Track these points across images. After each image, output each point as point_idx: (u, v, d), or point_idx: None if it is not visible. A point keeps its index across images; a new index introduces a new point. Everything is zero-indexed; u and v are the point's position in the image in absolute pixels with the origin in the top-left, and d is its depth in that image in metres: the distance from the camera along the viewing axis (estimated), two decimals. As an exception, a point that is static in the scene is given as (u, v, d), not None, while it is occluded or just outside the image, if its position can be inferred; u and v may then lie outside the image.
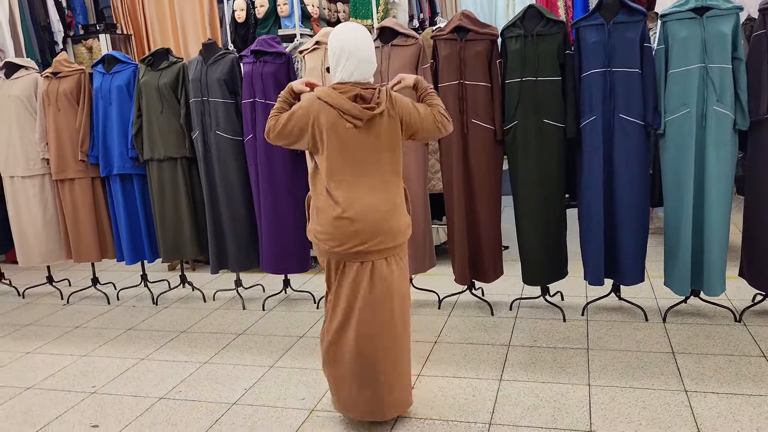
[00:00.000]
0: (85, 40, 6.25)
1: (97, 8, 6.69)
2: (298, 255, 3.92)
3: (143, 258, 4.27)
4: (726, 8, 3.02)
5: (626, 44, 3.14)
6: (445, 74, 3.41)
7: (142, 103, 3.98)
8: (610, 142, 3.23)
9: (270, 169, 3.77)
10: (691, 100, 3.07)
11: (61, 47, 6.13)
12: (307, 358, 3.22)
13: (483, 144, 3.42)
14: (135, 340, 3.66)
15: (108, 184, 4.22)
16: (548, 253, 3.44)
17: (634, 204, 3.26)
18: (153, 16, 6.46)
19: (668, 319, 3.38)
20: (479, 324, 3.51)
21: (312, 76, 3.61)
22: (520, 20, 3.31)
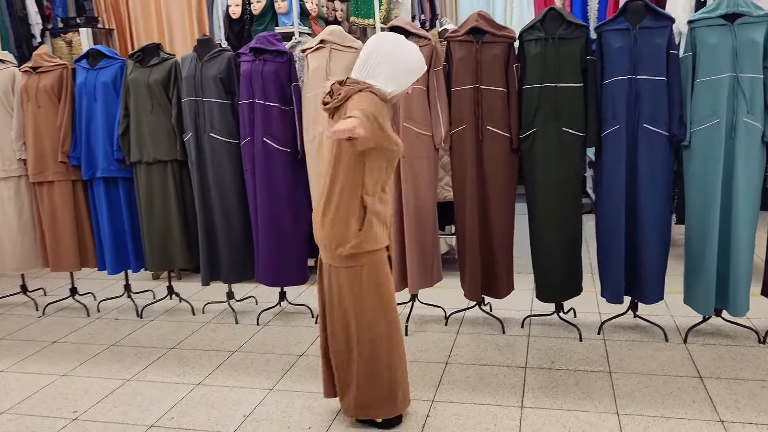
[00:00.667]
0: (64, 34, 5.92)
1: (78, 1, 6.37)
2: (297, 266, 3.69)
3: (127, 267, 3.99)
4: (758, 15, 2.87)
5: (653, 50, 2.98)
6: (460, 78, 3.21)
7: (130, 101, 3.71)
8: (633, 153, 3.07)
9: (268, 175, 3.53)
10: (721, 111, 2.92)
11: (39, 40, 5.81)
12: (309, 380, 2.99)
13: (498, 152, 3.23)
14: (119, 358, 3.38)
15: (90, 187, 3.93)
16: (566, 269, 3.26)
17: (657, 219, 3.10)
18: (137, 9, 6.16)
19: (689, 339, 3.22)
20: (491, 343, 3.31)
21: (316, 76, 3.39)
22: (540, 23, 3.13)
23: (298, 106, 3.53)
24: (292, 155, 3.55)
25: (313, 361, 3.20)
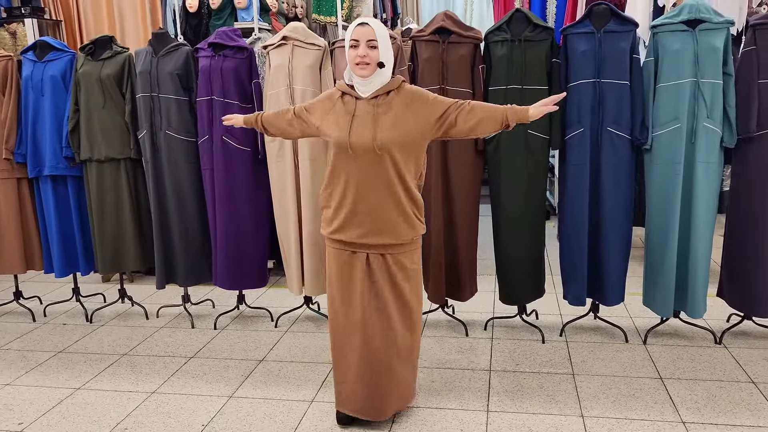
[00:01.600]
0: (8, 24, 5.63)
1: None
2: (257, 269, 3.59)
3: (76, 270, 3.81)
4: (718, 22, 2.92)
5: (617, 54, 3.00)
6: (426, 78, 3.17)
7: (80, 96, 3.54)
8: (597, 156, 3.09)
9: (228, 175, 3.42)
10: (682, 115, 2.96)
11: (-21, 30, 5.49)
12: (271, 387, 2.90)
13: (463, 154, 3.20)
14: (68, 365, 3.22)
15: (37, 186, 3.74)
16: (529, 272, 3.26)
17: (619, 221, 3.13)
18: (86, 1, 5.92)
19: (649, 340, 3.26)
20: (455, 346, 3.28)
21: (278, 73, 3.29)
22: (506, 24, 3.12)
23: (259, 104, 3.42)
24: (253, 154, 3.45)
25: (274, 367, 3.11)
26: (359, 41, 2.28)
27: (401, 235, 2.37)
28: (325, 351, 3.27)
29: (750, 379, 2.82)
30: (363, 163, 2.31)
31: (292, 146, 3.32)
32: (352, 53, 2.30)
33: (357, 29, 2.30)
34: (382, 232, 2.35)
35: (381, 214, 2.34)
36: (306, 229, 3.38)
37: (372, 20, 2.35)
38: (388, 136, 2.29)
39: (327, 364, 3.12)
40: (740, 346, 3.17)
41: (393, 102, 2.34)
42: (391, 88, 2.36)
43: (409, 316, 2.46)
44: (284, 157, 3.34)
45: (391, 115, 2.32)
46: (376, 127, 2.30)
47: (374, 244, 2.37)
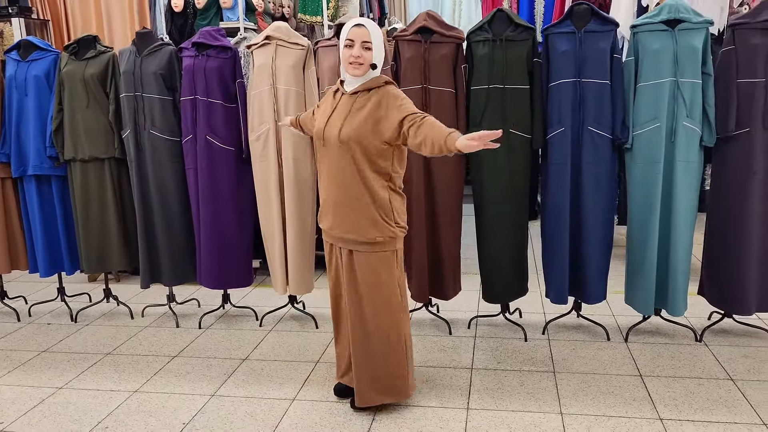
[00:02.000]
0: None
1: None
2: (241, 269, 3.59)
3: (61, 269, 3.81)
4: (697, 21, 2.95)
5: (597, 54, 3.02)
6: (408, 77, 3.18)
7: (64, 95, 3.54)
8: (578, 155, 3.10)
9: (211, 175, 3.42)
10: (662, 115, 2.98)
11: (-35, 30, 5.48)
12: (253, 385, 2.91)
13: (445, 153, 3.21)
14: (51, 365, 3.22)
15: (21, 185, 3.73)
16: (511, 270, 3.28)
17: (600, 220, 3.15)
18: (74, 0, 5.91)
19: (630, 338, 3.28)
20: (438, 344, 3.30)
21: (261, 73, 3.30)
22: (487, 24, 3.13)
23: (243, 104, 3.43)
24: (236, 154, 3.46)
25: (257, 366, 3.12)
26: (354, 41, 2.34)
27: (364, 233, 2.41)
28: (309, 349, 3.28)
29: (729, 376, 2.85)
30: (332, 156, 2.41)
31: (275, 146, 3.33)
32: (347, 52, 2.36)
33: (353, 30, 2.35)
34: (344, 226, 2.43)
35: (344, 209, 2.42)
36: (290, 228, 3.39)
37: (368, 22, 2.40)
38: (350, 132, 2.35)
39: (310, 363, 3.13)
40: (720, 344, 3.19)
41: (370, 100, 2.39)
42: (371, 86, 2.41)
43: (382, 315, 2.49)
44: (268, 157, 3.35)
45: (363, 112, 2.37)
46: (344, 122, 2.37)
47: (341, 238, 2.47)
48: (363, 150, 2.37)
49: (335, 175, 2.42)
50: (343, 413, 2.64)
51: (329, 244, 2.58)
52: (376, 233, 2.42)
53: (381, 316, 2.49)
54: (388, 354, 2.53)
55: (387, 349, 2.52)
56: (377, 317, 2.49)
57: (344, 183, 2.41)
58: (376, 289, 2.47)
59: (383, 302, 2.48)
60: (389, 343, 2.52)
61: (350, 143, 2.36)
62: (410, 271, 3.37)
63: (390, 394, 2.60)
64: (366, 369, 2.55)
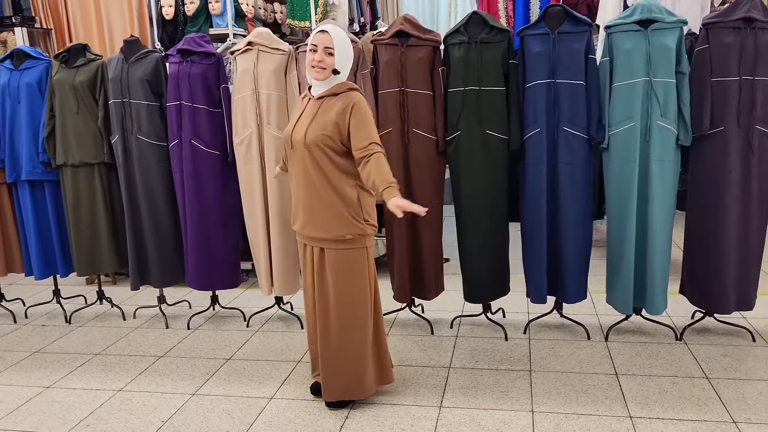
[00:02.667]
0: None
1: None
2: (228, 270, 3.66)
3: (55, 272, 3.90)
4: (670, 21, 2.96)
5: (571, 55, 3.04)
6: (386, 81, 3.23)
7: (55, 102, 3.63)
8: (553, 156, 3.13)
9: (197, 178, 3.49)
10: (636, 114, 3.00)
11: (-30, 40, 5.62)
12: (233, 384, 2.97)
13: (425, 154, 3.26)
14: (42, 365, 3.30)
15: (15, 190, 3.84)
16: (491, 270, 3.31)
17: (577, 219, 3.17)
18: (75, 9, 6.03)
19: (610, 337, 3.30)
20: (418, 344, 3.34)
21: (244, 78, 3.37)
22: (463, 27, 3.17)
23: (227, 108, 3.50)
24: (221, 158, 3.52)
25: (239, 365, 3.18)
26: (317, 46, 2.44)
27: (334, 231, 2.49)
28: (292, 349, 3.34)
29: (704, 375, 2.85)
30: (298, 158, 2.50)
31: (258, 149, 3.39)
32: (310, 56, 2.47)
33: (317, 35, 2.46)
34: (314, 225, 2.52)
35: (312, 208, 2.50)
36: (274, 230, 3.45)
37: (332, 28, 2.50)
38: (314, 136, 2.44)
39: (291, 362, 3.18)
40: (700, 343, 3.19)
41: (334, 105, 2.46)
42: (336, 91, 2.49)
43: (350, 314, 2.55)
44: (251, 160, 3.41)
45: (328, 116, 2.45)
46: (309, 126, 2.46)
47: (311, 237, 2.55)
48: (328, 152, 2.45)
49: (303, 177, 2.50)
50: (318, 411, 2.68)
51: (302, 244, 2.65)
52: (345, 231, 2.49)
53: (348, 313, 2.55)
54: (351, 351, 2.59)
55: (351, 347, 2.58)
56: (344, 315, 2.55)
57: (312, 184, 2.48)
58: (346, 287, 2.53)
59: (351, 300, 2.54)
60: (353, 341, 2.58)
61: (315, 146, 2.44)
62: (392, 272, 3.42)
63: (350, 391, 2.66)
64: (330, 364, 2.61)
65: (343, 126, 2.43)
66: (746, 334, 3.25)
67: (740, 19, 2.88)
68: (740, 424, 2.43)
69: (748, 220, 3.02)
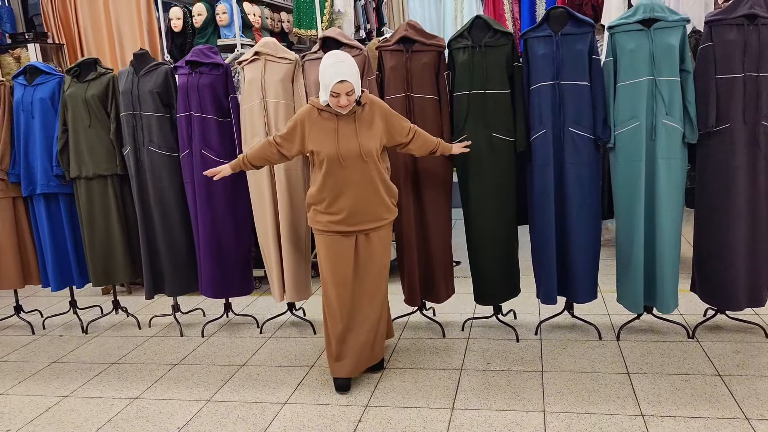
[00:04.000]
0: (12, 50, 5.88)
1: (27, 16, 6.32)
2: (240, 277, 3.71)
3: (71, 283, 3.97)
4: (673, 20, 2.97)
5: (575, 56, 3.06)
6: (392, 86, 3.27)
7: (68, 116, 3.70)
8: (560, 156, 3.14)
9: (208, 188, 3.54)
10: (641, 114, 3.01)
11: (-16, 57, 5.74)
12: (248, 390, 3.00)
13: (432, 158, 3.27)
14: (59, 375, 3.36)
15: (31, 204, 3.91)
16: (501, 271, 3.32)
17: (585, 219, 3.18)
18: (87, 24, 6.12)
19: (622, 336, 3.30)
20: (430, 347, 3.36)
21: (251, 87, 3.41)
22: (467, 31, 3.20)
23: (236, 118, 3.55)
24: (232, 166, 3.57)
25: (254, 371, 3.22)
26: (339, 93, 2.70)
27: (383, 218, 2.90)
28: (305, 354, 3.37)
29: (717, 372, 2.85)
30: (354, 171, 2.78)
31: (267, 157, 3.43)
32: (334, 101, 2.73)
33: (337, 86, 2.68)
34: (370, 220, 2.86)
35: (369, 208, 2.83)
36: (284, 237, 3.49)
37: (348, 74, 2.69)
38: (370, 146, 2.78)
39: (305, 368, 3.21)
40: (712, 340, 3.19)
41: (366, 114, 2.82)
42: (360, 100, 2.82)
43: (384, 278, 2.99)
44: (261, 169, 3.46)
45: (368, 126, 2.81)
46: (360, 139, 2.77)
47: (366, 228, 2.87)
48: (379, 155, 2.84)
49: (359, 183, 2.79)
50: (331, 415, 2.71)
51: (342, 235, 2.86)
52: (390, 215, 2.93)
53: (384, 278, 2.99)
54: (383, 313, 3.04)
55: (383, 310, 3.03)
56: (382, 281, 2.98)
57: (369, 186, 2.81)
58: (384, 257, 2.95)
59: (385, 266, 2.98)
60: (384, 302, 3.04)
61: (372, 154, 2.79)
62: (402, 276, 3.44)
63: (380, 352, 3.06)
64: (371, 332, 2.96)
65: (382, 127, 2.84)
66: (758, 331, 3.24)
67: (743, 15, 2.89)
68: (753, 421, 2.43)
69: (757, 216, 3.02)
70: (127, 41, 6.04)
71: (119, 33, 6.03)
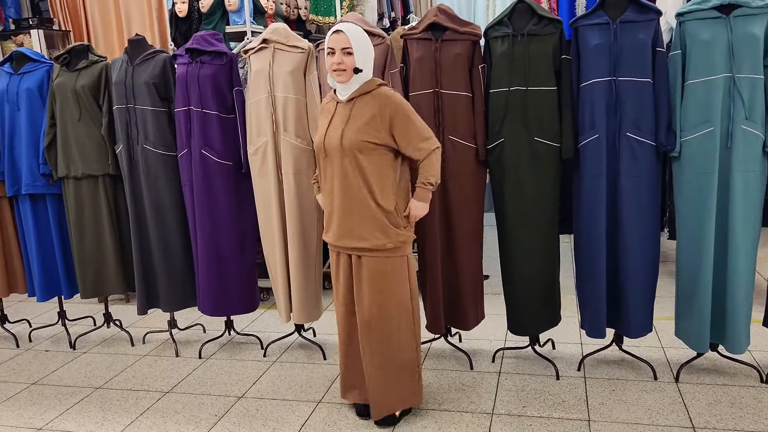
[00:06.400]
0: (15, 36, 5.54)
1: (33, 2, 5.99)
2: (243, 293, 3.30)
3: (58, 293, 3.60)
4: (757, 6, 2.48)
5: (636, 48, 2.58)
6: (418, 81, 2.82)
7: (56, 108, 3.32)
8: (615, 166, 2.67)
9: (208, 192, 3.14)
10: (715, 117, 2.53)
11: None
12: (244, 429, 2.59)
13: (463, 165, 2.84)
14: (37, 400, 2.99)
15: (17, 205, 3.54)
16: (540, 298, 2.87)
17: (642, 241, 2.70)
18: (94, 10, 5.79)
19: (682, 377, 2.82)
20: (456, 382, 2.91)
21: (258, 79, 3.00)
22: (507, 17, 2.74)
23: (241, 114, 3.14)
24: (235, 169, 3.16)
25: (252, 405, 2.81)
26: (335, 49, 2.31)
27: (373, 240, 2.35)
28: (312, 386, 2.95)
29: (802, 430, 2.37)
30: (335, 166, 2.36)
31: (275, 160, 3.02)
32: (329, 60, 2.33)
33: (332, 37, 2.32)
34: (353, 235, 2.37)
35: (350, 217, 2.36)
36: (292, 250, 3.07)
37: (347, 26, 2.34)
38: (352, 139, 2.30)
39: (311, 403, 2.80)
40: (791, 386, 2.70)
41: (368, 105, 2.34)
42: (366, 90, 2.36)
43: (395, 324, 2.42)
44: (267, 172, 3.05)
45: (363, 118, 2.32)
46: (344, 129, 2.32)
47: (350, 247, 2.40)
48: (366, 155, 2.33)
49: (340, 185, 2.36)
50: (338, 469, 2.29)
51: (335, 254, 2.49)
52: (385, 240, 2.37)
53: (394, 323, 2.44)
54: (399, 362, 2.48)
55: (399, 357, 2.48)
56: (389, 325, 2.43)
57: (350, 191, 2.35)
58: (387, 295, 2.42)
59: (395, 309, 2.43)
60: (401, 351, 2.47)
61: (353, 150, 2.32)
62: (424, 298, 3.00)
63: (401, 401, 2.54)
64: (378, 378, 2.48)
65: (383, 126, 2.31)
66: None
67: None
68: None
69: None
70: (136, 28, 5.69)
71: (128, 19, 5.69)
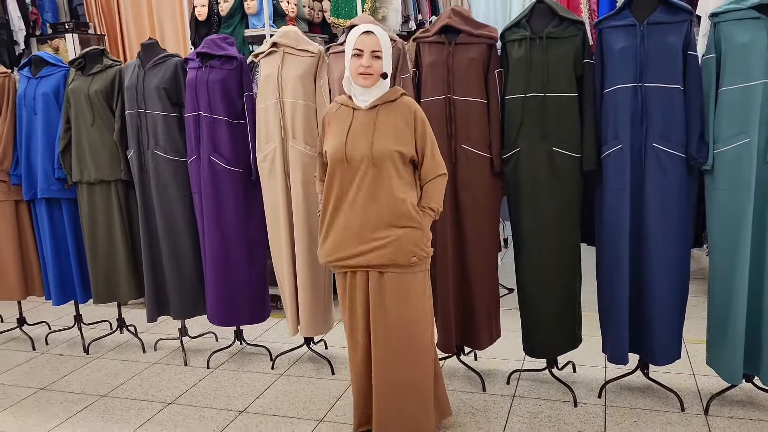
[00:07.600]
0: (50, 40, 5.64)
1: (71, 6, 6.09)
2: (253, 303, 3.22)
3: (73, 297, 3.59)
4: (802, 5, 2.24)
5: (665, 51, 2.38)
6: (429, 86, 2.67)
7: (71, 113, 3.31)
8: (640, 180, 2.47)
9: (216, 200, 3.07)
10: (752, 127, 2.30)
11: (22, 47, 5.52)
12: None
13: (476, 176, 2.67)
14: (42, 406, 2.97)
15: (34, 208, 3.55)
16: (558, 320, 2.68)
17: (670, 261, 2.49)
18: (129, 14, 5.86)
19: (711, 410, 2.59)
20: (466, 405, 2.75)
21: (267, 85, 2.91)
22: (526, 19, 2.57)
23: (251, 119, 3.05)
24: (244, 176, 3.08)
25: (252, 421, 2.71)
26: (363, 51, 2.17)
27: (400, 254, 2.20)
28: (316, 402, 2.84)
29: None
30: (358, 176, 2.20)
31: (283, 168, 2.93)
32: (356, 62, 2.19)
33: (362, 38, 2.19)
34: (379, 248, 2.20)
35: (375, 231, 2.20)
36: (301, 261, 2.97)
37: (377, 29, 2.23)
38: (384, 149, 2.17)
39: (312, 421, 2.68)
40: (836, 425, 2.44)
41: (394, 114, 2.22)
42: (390, 98, 2.24)
43: (415, 343, 2.27)
44: (275, 180, 2.96)
45: (393, 128, 2.20)
46: (374, 137, 2.18)
47: (371, 264, 2.22)
48: (397, 166, 2.20)
49: (364, 197, 2.20)
50: (329, 498, 2.17)
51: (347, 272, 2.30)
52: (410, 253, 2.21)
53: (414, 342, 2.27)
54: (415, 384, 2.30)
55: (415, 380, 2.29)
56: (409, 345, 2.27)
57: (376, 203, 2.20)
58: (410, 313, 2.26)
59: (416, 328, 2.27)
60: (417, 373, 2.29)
61: (385, 161, 2.18)
62: (435, 314, 2.84)
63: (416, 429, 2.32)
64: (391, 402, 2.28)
65: (412, 138, 2.22)
66: None
67: None
68: None
69: None
70: (168, 32, 5.73)
71: (161, 24, 5.74)
